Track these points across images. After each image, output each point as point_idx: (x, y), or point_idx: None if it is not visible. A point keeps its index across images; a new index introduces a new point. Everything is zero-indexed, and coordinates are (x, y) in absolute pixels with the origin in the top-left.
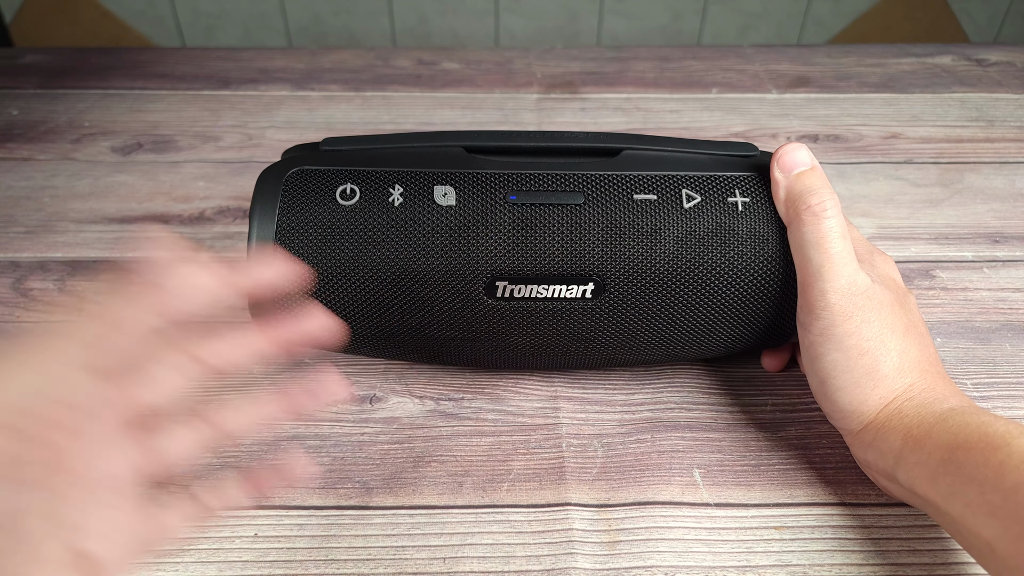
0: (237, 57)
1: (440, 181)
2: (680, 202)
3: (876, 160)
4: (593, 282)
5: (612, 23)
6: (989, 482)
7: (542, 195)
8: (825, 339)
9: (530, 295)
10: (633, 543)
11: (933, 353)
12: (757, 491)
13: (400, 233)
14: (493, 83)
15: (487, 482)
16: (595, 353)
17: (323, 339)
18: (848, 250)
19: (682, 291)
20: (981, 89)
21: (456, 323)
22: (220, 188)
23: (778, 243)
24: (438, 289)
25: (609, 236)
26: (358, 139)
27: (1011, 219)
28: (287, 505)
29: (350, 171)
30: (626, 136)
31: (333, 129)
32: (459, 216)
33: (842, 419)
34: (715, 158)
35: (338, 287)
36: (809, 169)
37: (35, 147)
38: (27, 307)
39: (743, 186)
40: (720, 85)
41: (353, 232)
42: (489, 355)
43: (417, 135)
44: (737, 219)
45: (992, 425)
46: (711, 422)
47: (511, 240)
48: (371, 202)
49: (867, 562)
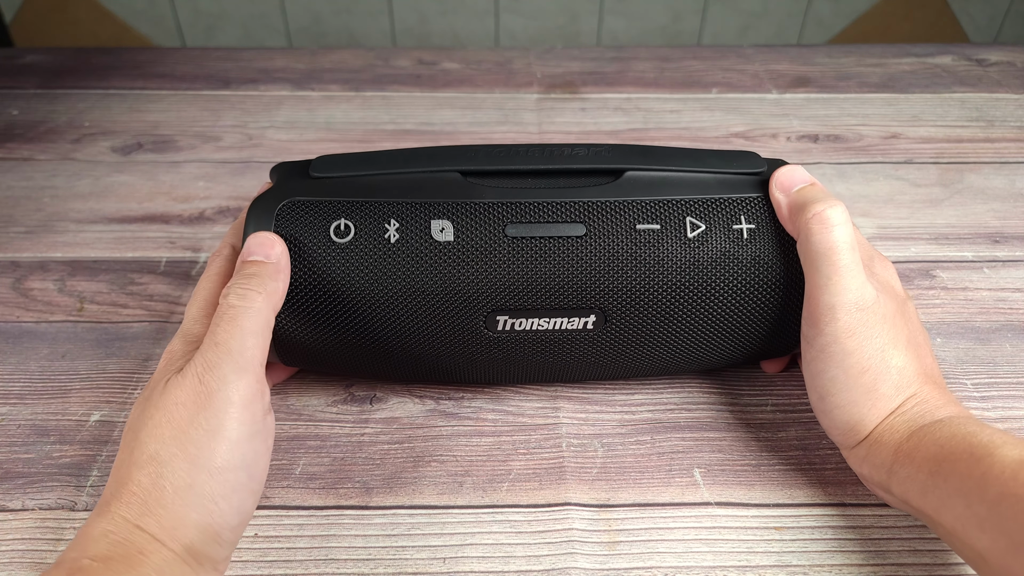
0: (237, 57)
1: (437, 214)
2: (684, 231)
3: (876, 160)
4: (595, 314)
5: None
6: (974, 494)
7: (542, 227)
8: (827, 355)
9: (531, 328)
10: (633, 543)
11: (931, 363)
12: (757, 491)
13: (397, 272)
14: (493, 83)
15: (487, 482)
16: (596, 374)
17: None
18: (856, 262)
19: (685, 319)
20: (981, 89)
21: (455, 354)
22: (220, 188)
23: (782, 268)
24: (437, 325)
25: (611, 268)
26: (350, 160)
27: (1011, 219)
28: (287, 505)
29: (343, 203)
30: (628, 152)
31: (333, 129)
32: (457, 252)
33: (839, 435)
34: (720, 178)
35: (335, 323)
36: (809, 184)
37: (35, 147)
38: (27, 307)
39: (749, 210)
40: (720, 85)
41: (349, 271)
42: (489, 378)
43: (411, 155)
44: (742, 247)
45: (977, 436)
46: (711, 422)
47: (511, 275)
48: (366, 239)
49: (867, 563)
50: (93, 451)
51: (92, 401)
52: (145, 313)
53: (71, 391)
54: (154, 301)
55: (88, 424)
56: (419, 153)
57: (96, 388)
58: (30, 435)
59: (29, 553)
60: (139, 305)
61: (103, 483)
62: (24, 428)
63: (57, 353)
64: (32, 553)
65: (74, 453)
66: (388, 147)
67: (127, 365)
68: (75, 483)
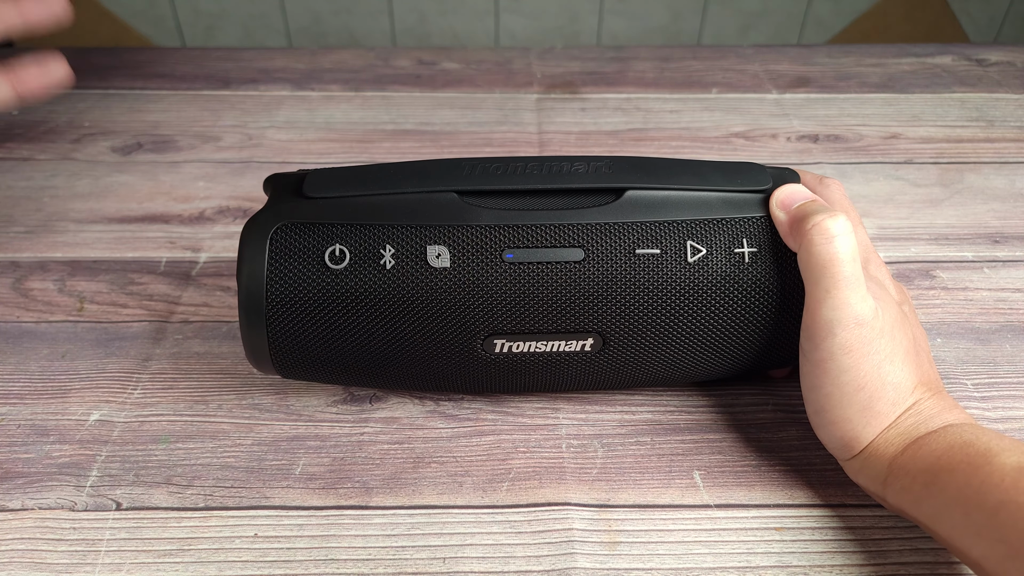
0: (237, 57)
1: (433, 239)
2: (684, 255)
3: (876, 160)
4: (593, 337)
5: (612, 23)
6: (972, 502)
7: (540, 252)
8: (822, 371)
9: (528, 350)
10: (633, 544)
11: (929, 367)
12: (758, 492)
13: (393, 298)
14: (493, 83)
15: (487, 482)
16: (594, 388)
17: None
18: (857, 275)
19: (683, 341)
20: (981, 89)
21: (453, 373)
22: (220, 188)
23: (783, 291)
24: (434, 348)
25: (610, 293)
26: (344, 177)
27: (1011, 219)
28: (287, 505)
29: (338, 228)
30: (629, 167)
31: (333, 129)
32: (454, 279)
33: (834, 449)
34: (723, 196)
35: (333, 348)
36: (811, 201)
37: (35, 147)
38: (27, 307)
39: (751, 232)
40: (720, 85)
41: (345, 298)
42: (487, 392)
43: (408, 172)
44: (743, 271)
45: (974, 444)
46: (711, 423)
47: (508, 301)
48: (362, 266)
49: (868, 563)
50: (93, 451)
51: (92, 401)
52: (145, 313)
53: (71, 391)
54: (154, 301)
55: (88, 424)
56: (415, 170)
57: (96, 388)
58: (30, 435)
59: (29, 553)
60: (139, 305)
61: (103, 483)
62: (24, 428)
63: (57, 353)
64: (32, 553)
65: (74, 453)
66: (387, 147)
67: (127, 365)
68: (75, 483)
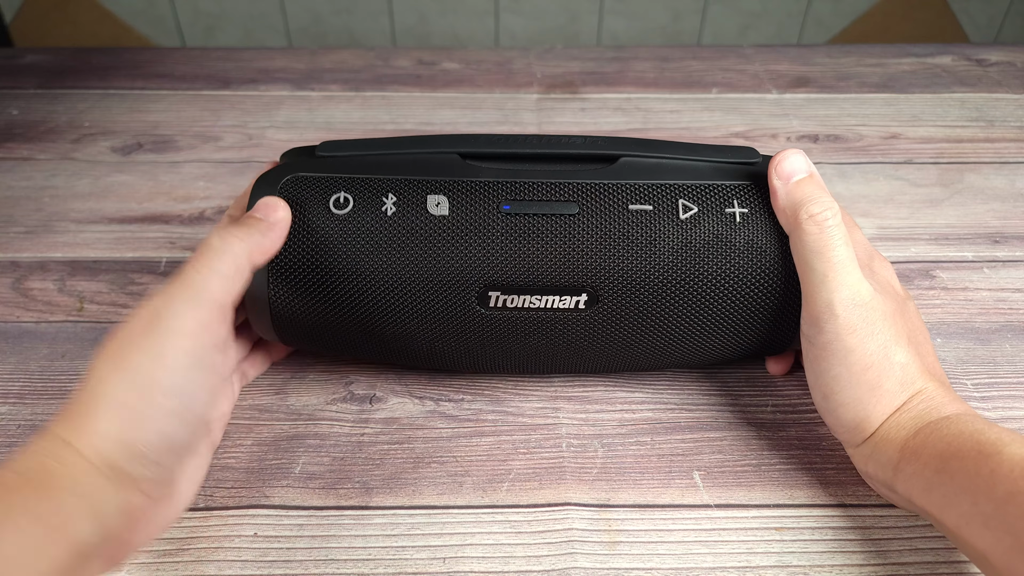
0: (237, 57)
1: (433, 190)
2: (676, 212)
3: (876, 160)
4: (587, 293)
5: (612, 23)
6: (981, 492)
7: (536, 204)
8: (829, 353)
9: (523, 305)
10: (633, 544)
11: (933, 361)
12: (758, 492)
13: (392, 242)
14: (493, 83)
15: (487, 482)
16: (589, 361)
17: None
18: (851, 257)
19: (678, 302)
20: (981, 89)
21: (448, 331)
22: (220, 188)
23: (777, 254)
24: (430, 299)
25: (603, 247)
26: (355, 143)
27: (1011, 219)
28: (287, 505)
29: (344, 179)
30: (624, 141)
31: (333, 130)
32: (452, 226)
33: (844, 433)
34: (714, 166)
35: (331, 295)
36: (807, 176)
37: (35, 147)
38: (27, 307)
39: (742, 196)
40: (720, 85)
41: (346, 241)
42: (481, 362)
43: (413, 140)
44: (735, 230)
45: (985, 433)
46: (711, 422)
47: (504, 250)
48: (364, 211)
49: (868, 563)
50: None
51: None
52: None
53: (71, 391)
54: None
55: None
56: (421, 138)
57: None
58: (30, 435)
59: None
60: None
61: None
62: (24, 428)
63: (57, 353)
64: None
65: None
66: None
67: None
68: None
